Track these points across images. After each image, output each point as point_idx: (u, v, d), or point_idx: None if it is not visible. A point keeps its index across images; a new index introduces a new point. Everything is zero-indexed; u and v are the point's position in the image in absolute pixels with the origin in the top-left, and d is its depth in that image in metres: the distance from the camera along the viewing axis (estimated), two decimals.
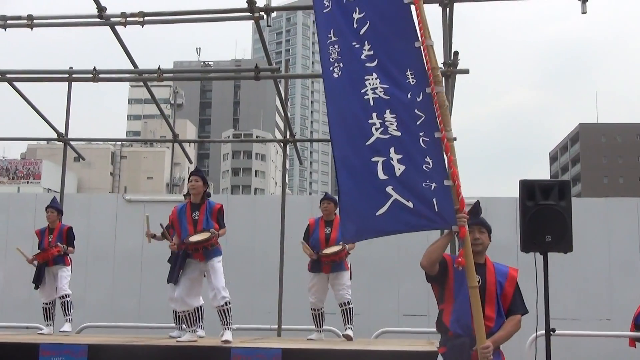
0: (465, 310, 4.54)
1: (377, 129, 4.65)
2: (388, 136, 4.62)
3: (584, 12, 7.77)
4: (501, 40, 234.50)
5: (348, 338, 8.17)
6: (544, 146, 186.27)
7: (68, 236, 9.25)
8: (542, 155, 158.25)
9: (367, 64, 4.77)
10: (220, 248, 7.67)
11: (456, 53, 8.04)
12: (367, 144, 4.64)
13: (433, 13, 8.06)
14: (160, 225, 8.22)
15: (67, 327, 8.87)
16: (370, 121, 4.67)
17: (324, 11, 5.00)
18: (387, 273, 11.60)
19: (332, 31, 4.92)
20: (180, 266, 7.55)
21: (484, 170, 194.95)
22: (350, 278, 8.53)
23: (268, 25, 8.31)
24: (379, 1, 4.85)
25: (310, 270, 8.51)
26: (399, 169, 4.56)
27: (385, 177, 4.57)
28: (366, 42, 4.80)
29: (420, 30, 4.70)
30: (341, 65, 4.85)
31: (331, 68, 4.89)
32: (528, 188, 6.14)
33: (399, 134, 4.62)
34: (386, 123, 4.64)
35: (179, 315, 8.24)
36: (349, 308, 8.40)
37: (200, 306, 7.99)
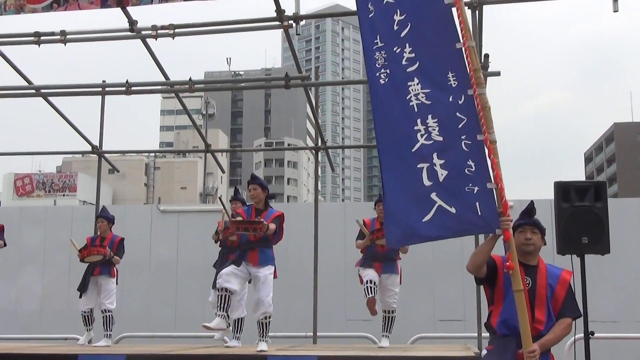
0: (513, 312, 4.47)
1: (421, 135, 4.64)
2: (431, 142, 4.62)
3: (615, 11, 7.64)
4: (532, 41, 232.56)
5: (382, 348, 8.12)
6: (578, 147, 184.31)
7: (118, 247, 9.16)
8: (577, 155, 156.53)
9: (408, 69, 4.75)
10: (274, 257, 7.69)
11: (487, 55, 7.98)
12: (412, 150, 4.64)
13: None
14: (219, 199, 8.35)
15: (103, 342, 8.84)
16: (415, 128, 4.66)
17: (370, 16, 4.97)
18: (422, 278, 11.54)
19: (378, 37, 4.90)
20: (232, 264, 7.55)
21: (518, 172, 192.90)
22: (400, 283, 8.48)
23: (297, 34, 8.32)
24: (419, 2, 4.82)
25: (361, 266, 8.40)
26: (442, 174, 4.56)
27: (430, 183, 4.56)
28: (407, 45, 4.78)
29: (461, 31, 4.66)
30: (388, 71, 4.83)
31: (377, 74, 4.87)
32: (563, 190, 6.09)
33: (441, 138, 4.61)
34: (429, 129, 4.63)
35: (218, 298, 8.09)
36: (392, 317, 8.32)
37: (242, 318, 8.01)
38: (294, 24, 8.17)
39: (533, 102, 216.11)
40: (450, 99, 4.62)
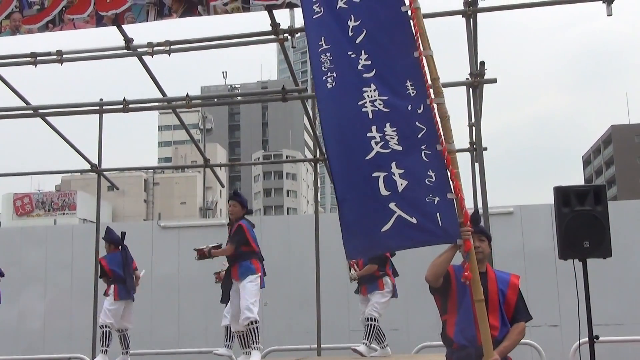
0: (469, 321, 4.50)
1: (377, 143, 4.47)
2: (389, 150, 4.45)
3: (609, 15, 7.66)
4: (529, 46, 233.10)
5: (355, 351, 8.13)
6: (577, 150, 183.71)
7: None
8: (576, 159, 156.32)
9: (364, 75, 4.55)
10: (254, 267, 7.70)
11: (482, 63, 8.00)
12: (367, 158, 4.46)
13: (457, 24, 8.05)
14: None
15: (99, 358, 8.91)
16: (369, 134, 4.48)
17: (314, 17, 4.76)
18: (424, 287, 11.49)
19: (322, 38, 4.68)
20: (227, 287, 7.87)
21: (518, 178, 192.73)
22: (397, 296, 8.54)
23: (293, 47, 8.33)
24: (375, 9, 4.62)
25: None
26: (401, 184, 4.40)
27: (388, 193, 4.41)
28: (363, 52, 4.57)
29: (417, 40, 4.52)
30: (334, 75, 4.62)
31: (324, 78, 4.65)
32: (563, 194, 6.09)
33: (400, 148, 4.44)
34: (387, 137, 4.46)
35: (232, 334, 8.33)
36: (371, 325, 8.32)
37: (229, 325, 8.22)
38: (289, 37, 8.18)
39: (532, 106, 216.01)
40: (409, 108, 4.45)
